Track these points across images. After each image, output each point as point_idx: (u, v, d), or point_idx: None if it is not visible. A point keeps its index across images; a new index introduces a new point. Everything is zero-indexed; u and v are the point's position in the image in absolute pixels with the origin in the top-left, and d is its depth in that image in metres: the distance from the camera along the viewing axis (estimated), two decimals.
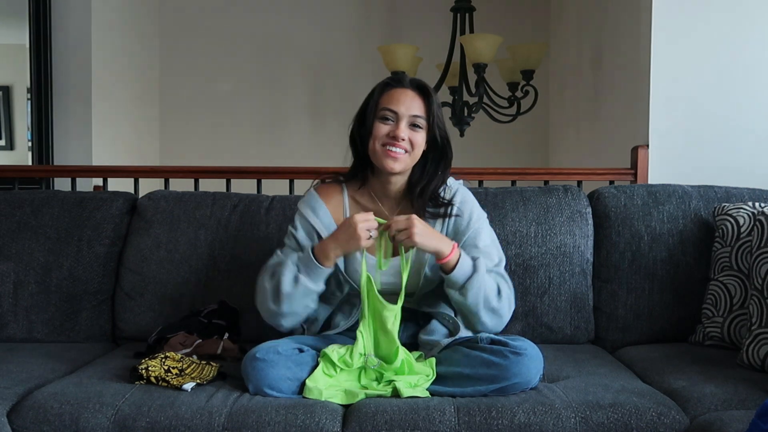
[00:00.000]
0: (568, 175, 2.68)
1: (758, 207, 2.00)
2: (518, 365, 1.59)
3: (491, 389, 1.58)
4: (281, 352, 1.62)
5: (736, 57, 2.58)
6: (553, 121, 4.30)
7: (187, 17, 4.41)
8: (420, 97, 1.77)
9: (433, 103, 1.77)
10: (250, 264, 2.13)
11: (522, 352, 1.60)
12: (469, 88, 3.54)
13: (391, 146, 1.74)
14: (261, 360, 1.60)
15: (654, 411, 1.52)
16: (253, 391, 1.60)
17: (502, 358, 1.59)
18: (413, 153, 1.77)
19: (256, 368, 1.60)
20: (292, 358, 1.63)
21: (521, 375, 1.58)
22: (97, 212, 2.22)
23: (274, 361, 1.60)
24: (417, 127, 1.76)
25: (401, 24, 4.44)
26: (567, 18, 4.03)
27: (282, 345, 1.65)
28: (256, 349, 1.63)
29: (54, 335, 2.12)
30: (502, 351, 1.61)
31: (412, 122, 1.76)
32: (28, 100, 3.28)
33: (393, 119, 1.75)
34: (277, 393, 1.59)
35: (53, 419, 1.52)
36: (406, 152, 1.75)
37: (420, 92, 1.78)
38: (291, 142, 4.42)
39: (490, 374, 1.58)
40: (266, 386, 1.58)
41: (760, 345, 1.75)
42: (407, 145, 1.75)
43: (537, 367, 1.62)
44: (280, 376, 1.59)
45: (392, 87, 1.79)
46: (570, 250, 2.11)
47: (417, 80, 1.81)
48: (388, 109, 1.75)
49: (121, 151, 3.77)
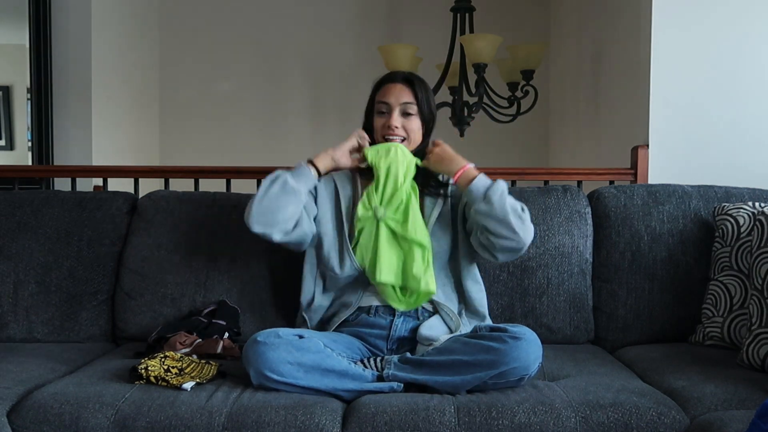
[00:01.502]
0: (568, 175, 2.68)
1: (758, 207, 2.00)
2: (517, 350, 1.60)
3: (491, 375, 1.59)
4: (282, 336, 1.64)
5: (737, 57, 2.58)
6: (553, 121, 4.30)
7: (187, 17, 4.41)
8: (408, 87, 1.95)
9: (419, 90, 1.94)
10: (250, 264, 2.13)
11: (520, 337, 1.62)
12: (469, 88, 3.54)
13: (388, 136, 1.93)
14: (262, 343, 1.61)
15: (654, 411, 1.52)
16: (254, 376, 1.60)
17: (501, 344, 1.61)
18: (410, 139, 1.95)
19: (257, 351, 1.61)
20: (293, 343, 1.64)
21: (520, 359, 1.60)
22: (97, 212, 2.22)
23: (275, 344, 1.61)
24: (409, 114, 1.94)
25: (401, 24, 4.44)
26: (567, 18, 4.03)
27: (282, 330, 1.67)
28: (257, 334, 1.66)
29: (54, 335, 2.12)
30: (501, 336, 1.64)
31: (404, 110, 1.94)
32: (28, 100, 3.29)
33: (387, 110, 1.95)
34: (277, 376, 1.59)
35: (53, 419, 1.52)
36: (403, 139, 1.93)
37: (407, 83, 1.96)
38: (291, 142, 4.42)
39: (489, 359, 1.60)
40: (267, 369, 1.59)
41: (760, 345, 1.75)
42: (402, 132, 1.94)
43: (536, 352, 1.63)
44: (281, 359, 1.60)
45: (384, 83, 1.98)
46: (569, 250, 2.11)
47: (405, 72, 2.00)
48: (382, 102, 1.96)
49: (121, 151, 3.77)
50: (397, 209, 1.87)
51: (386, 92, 1.95)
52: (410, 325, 1.85)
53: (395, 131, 1.92)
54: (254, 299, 2.12)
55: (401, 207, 1.87)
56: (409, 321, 1.85)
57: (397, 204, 1.87)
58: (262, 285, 2.13)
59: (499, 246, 1.80)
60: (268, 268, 2.14)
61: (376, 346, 1.83)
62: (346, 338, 1.82)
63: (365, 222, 1.88)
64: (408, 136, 1.94)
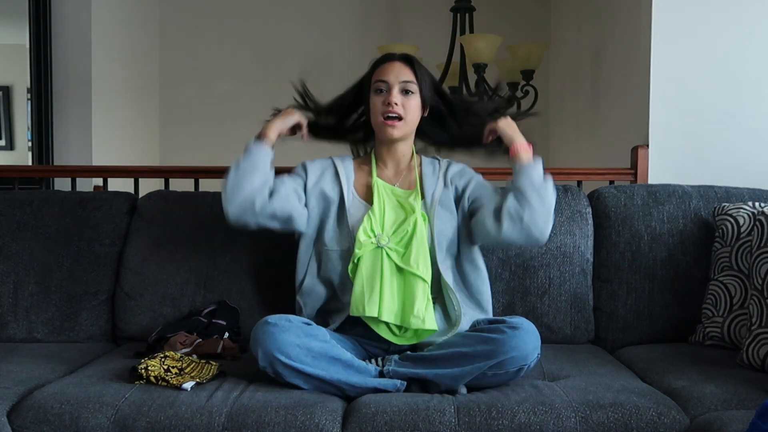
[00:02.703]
0: (568, 175, 2.68)
1: (758, 207, 2.00)
2: (515, 338, 1.61)
3: (490, 364, 1.60)
4: (292, 321, 1.66)
5: (737, 57, 2.58)
6: (553, 121, 4.30)
7: (187, 17, 4.41)
8: (407, 66, 1.92)
9: (419, 69, 1.93)
10: (250, 264, 2.13)
11: (518, 326, 1.64)
12: (469, 88, 3.54)
13: (388, 114, 1.88)
14: (273, 324, 1.63)
15: (654, 411, 1.52)
16: (263, 357, 1.61)
17: (499, 334, 1.63)
18: (407, 119, 1.90)
19: (267, 332, 1.62)
20: (303, 328, 1.66)
21: (518, 348, 1.60)
22: (97, 212, 2.22)
23: (285, 327, 1.63)
24: (409, 93, 1.90)
25: (401, 24, 4.44)
26: (567, 18, 4.03)
27: (292, 317, 1.69)
28: (267, 317, 1.67)
29: (54, 335, 2.12)
30: (499, 327, 1.65)
31: (403, 88, 1.90)
32: (28, 100, 3.28)
33: (385, 89, 1.90)
34: (286, 359, 1.60)
35: (53, 419, 1.52)
36: (401, 119, 1.89)
37: (406, 61, 1.93)
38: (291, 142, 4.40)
39: (488, 350, 1.60)
40: (276, 350, 1.60)
41: (760, 345, 1.75)
42: (401, 110, 1.89)
43: (534, 342, 1.64)
44: (291, 342, 1.61)
45: (382, 63, 1.95)
46: (570, 250, 2.11)
47: (403, 53, 1.97)
48: (380, 80, 1.91)
49: (121, 151, 3.77)
50: (401, 239, 1.82)
51: (385, 71, 1.92)
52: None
53: (394, 108, 1.87)
54: (254, 299, 2.12)
55: (405, 237, 1.82)
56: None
57: (403, 235, 1.82)
58: (262, 285, 2.13)
59: (527, 219, 1.78)
60: (269, 268, 2.14)
61: (375, 355, 1.81)
62: (348, 339, 1.82)
63: (366, 248, 1.81)
64: (405, 116, 1.89)
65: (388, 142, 1.93)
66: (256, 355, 1.62)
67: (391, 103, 1.87)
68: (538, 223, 1.79)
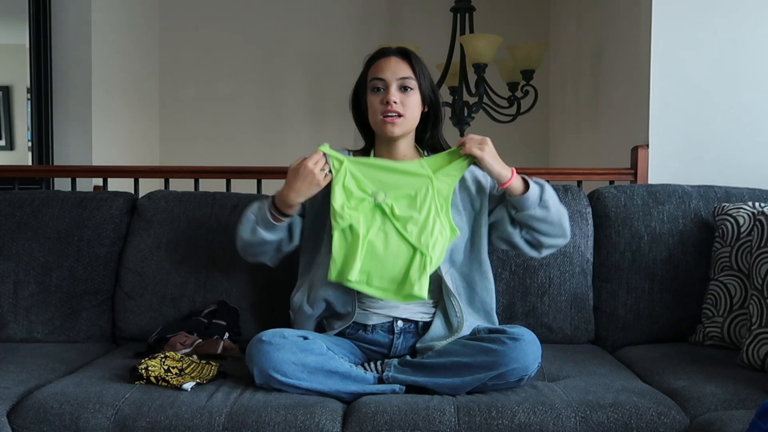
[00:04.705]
0: (568, 175, 2.68)
1: (758, 207, 2.00)
2: (516, 350, 1.60)
3: (490, 376, 1.59)
4: (287, 337, 1.63)
5: (737, 57, 2.58)
6: (553, 121, 4.30)
7: (187, 17, 4.41)
8: (404, 61, 1.83)
9: (417, 64, 1.84)
10: (250, 264, 2.13)
11: (519, 338, 1.62)
12: (469, 88, 3.54)
13: (387, 113, 1.79)
14: (267, 343, 1.61)
15: (654, 411, 1.52)
16: (258, 375, 1.60)
17: (500, 345, 1.61)
18: (407, 116, 1.81)
19: (261, 351, 1.60)
20: (298, 344, 1.63)
21: (519, 360, 1.59)
22: (97, 212, 2.22)
23: (280, 344, 1.61)
24: (408, 89, 1.81)
25: (401, 24, 4.44)
26: (567, 18, 4.03)
27: (287, 331, 1.67)
28: (261, 334, 1.64)
29: (54, 335, 2.12)
30: (500, 338, 1.63)
31: (402, 84, 1.81)
32: (28, 100, 3.28)
33: (383, 87, 1.81)
34: (281, 377, 1.58)
35: (53, 419, 1.52)
36: (400, 116, 1.80)
37: (403, 56, 1.84)
38: (291, 142, 4.41)
39: (489, 361, 1.59)
40: (271, 369, 1.59)
41: (760, 345, 1.75)
42: (400, 108, 1.79)
43: (535, 353, 1.62)
44: (286, 359, 1.59)
45: (377, 59, 1.85)
46: (570, 250, 2.11)
47: (399, 47, 1.88)
48: (377, 78, 1.81)
49: (121, 151, 3.77)
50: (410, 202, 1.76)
51: (381, 67, 1.81)
52: (410, 342, 1.82)
53: (393, 107, 1.78)
54: (254, 299, 2.12)
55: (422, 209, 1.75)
56: (409, 338, 1.82)
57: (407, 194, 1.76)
58: (262, 285, 2.12)
59: (548, 244, 1.84)
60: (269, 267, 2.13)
61: (375, 360, 1.80)
62: (347, 343, 1.81)
63: (362, 212, 1.75)
64: (405, 113, 1.80)
65: (388, 140, 1.85)
66: (252, 373, 1.61)
67: (389, 102, 1.78)
68: (558, 240, 1.85)
